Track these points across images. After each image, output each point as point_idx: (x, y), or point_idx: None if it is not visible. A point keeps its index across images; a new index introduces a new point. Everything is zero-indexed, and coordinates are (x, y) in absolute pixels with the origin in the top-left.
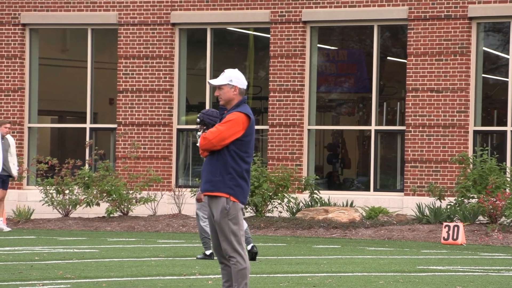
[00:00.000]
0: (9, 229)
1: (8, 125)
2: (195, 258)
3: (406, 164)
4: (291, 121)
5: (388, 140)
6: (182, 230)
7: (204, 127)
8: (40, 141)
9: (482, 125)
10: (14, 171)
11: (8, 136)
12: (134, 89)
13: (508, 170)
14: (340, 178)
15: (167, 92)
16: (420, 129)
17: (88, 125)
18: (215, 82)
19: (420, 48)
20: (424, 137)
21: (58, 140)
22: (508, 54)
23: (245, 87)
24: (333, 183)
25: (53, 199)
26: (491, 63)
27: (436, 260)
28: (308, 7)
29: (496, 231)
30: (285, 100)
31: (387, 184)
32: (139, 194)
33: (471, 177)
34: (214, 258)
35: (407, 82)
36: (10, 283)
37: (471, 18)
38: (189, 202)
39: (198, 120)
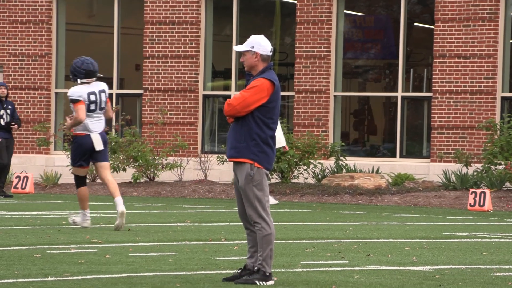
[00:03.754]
0: (276, 201)
1: None
2: None
3: (432, 131)
4: (317, 87)
5: (414, 107)
6: (208, 196)
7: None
8: (66, 107)
9: (510, 91)
10: (283, 141)
11: None
12: (161, 55)
13: None
14: (366, 144)
15: (193, 58)
16: (447, 95)
17: (114, 91)
18: (238, 48)
19: (447, 14)
20: (451, 103)
21: None
22: None
23: (268, 53)
24: (359, 150)
25: None
26: None
27: (462, 227)
28: None
29: None
30: (311, 67)
31: (413, 150)
32: (165, 160)
33: (498, 144)
34: None
35: (434, 48)
36: (38, 247)
37: None
38: (215, 168)
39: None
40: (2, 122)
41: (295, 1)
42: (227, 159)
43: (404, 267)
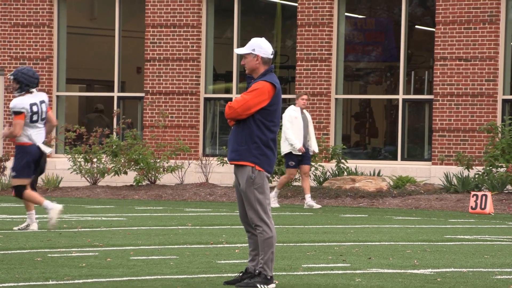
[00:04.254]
0: (319, 206)
1: (305, 97)
2: None
3: (433, 133)
4: (318, 90)
5: (415, 109)
6: (209, 199)
7: (18, 86)
8: (68, 110)
9: (511, 93)
10: (315, 147)
11: (305, 111)
12: (162, 58)
13: None
14: (367, 147)
15: (194, 61)
16: (448, 98)
17: (115, 94)
18: (239, 51)
19: (448, 16)
20: (452, 106)
21: (86, 108)
22: None
23: (269, 56)
24: (360, 153)
25: (81, 168)
26: None
27: (463, 230)
28: None
29: None
30: (312, 69)
31: (414, 153)
32: (167, 163)
33: (499, 146)
34: None
35: (435, 51)
36: (39, 250)
37: None
38: (216, 171)
39: (12, 77)
40: None
41: (296, 4)
42: (228, 162)
43: (405, 270)
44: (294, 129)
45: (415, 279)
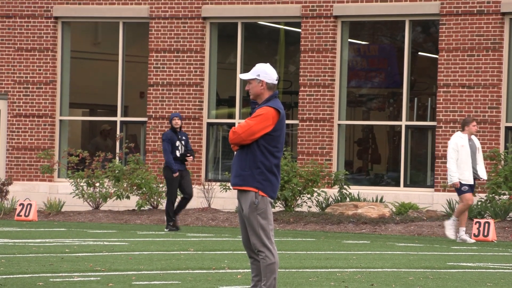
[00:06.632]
0: (472, 240)
1: (475, 123)
2: None
3: (436, 160)
4: (321, 115)
5: (418, 136)
6: (212, 224)
7: None
8: (71, 134)
9: None
10: (483, 174)
11: (473, 137)
12: (165, 83)
13: None
14: (370, 173)
15: (198, 86)
16: (451, 124)
17: (118, 118)
18: (244, 76)
19: (452, 43)
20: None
21: (89, 133)
22: None
23: (274, 81)
24: (362, 179)
25: (83, 192)
26: None
27: (466, 257)
28: (339, 1)
29: None
30: (315, 95)
31: (417, 180)
32: None
33: (502, 174)
34: None
35: (438, 78)
36: (41, 275)
37: (503, 14)
38: (219, 196)
39: None
40: (178, 154)
41: (300, 30)
42: (231, 187)
43: None
44: (461, 158)
45: None
